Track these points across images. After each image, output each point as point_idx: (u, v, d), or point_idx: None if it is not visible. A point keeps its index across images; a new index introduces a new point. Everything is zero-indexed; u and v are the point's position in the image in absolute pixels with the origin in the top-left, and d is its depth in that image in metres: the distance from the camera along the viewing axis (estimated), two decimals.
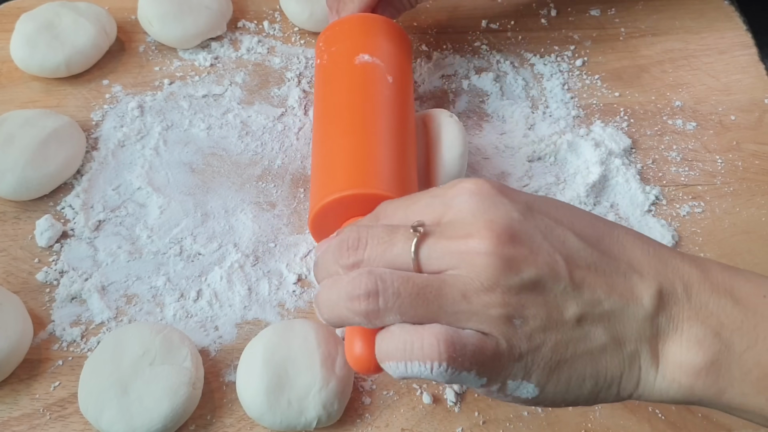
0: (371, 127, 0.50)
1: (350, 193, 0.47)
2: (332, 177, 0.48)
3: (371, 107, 0.51)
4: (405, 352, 0.34)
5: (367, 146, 0.49)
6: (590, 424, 0.47)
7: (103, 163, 0.59)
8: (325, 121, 0.52)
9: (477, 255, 0.33)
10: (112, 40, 0.66)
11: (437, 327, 0.34)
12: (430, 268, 0.35)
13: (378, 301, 0.34)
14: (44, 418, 0.48)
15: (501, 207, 0.35)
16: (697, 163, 0.61)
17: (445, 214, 0.36)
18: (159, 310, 0.52)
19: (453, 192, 0.36)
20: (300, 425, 0.45)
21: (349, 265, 0.36)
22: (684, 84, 0.66)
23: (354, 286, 0.35)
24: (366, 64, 0.53)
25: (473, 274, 0.33)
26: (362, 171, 0.48)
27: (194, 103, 0.63)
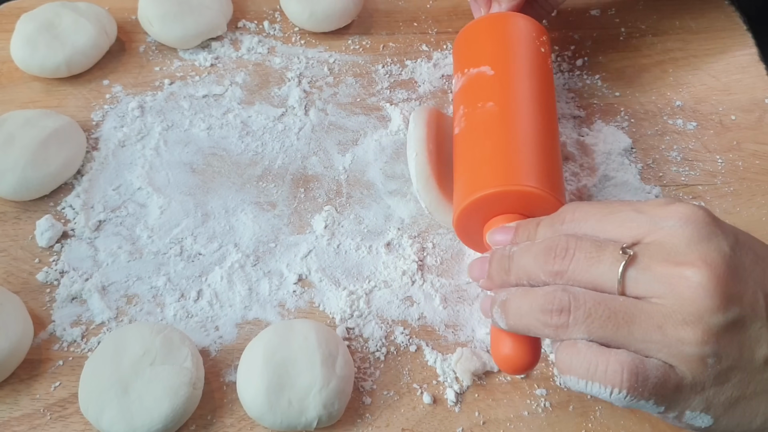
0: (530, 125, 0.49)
1: (501, 189, 0.46)
2: (481, 174, 0.48)
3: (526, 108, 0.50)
4: (588, 372, 0.34)
5: (518, 144, 0.48)
6: (590, 424, 0.47)
7: (103, 163, 0.60)
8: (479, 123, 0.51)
9: (689, 287, 0.33)
10: (112, 40, 0.66)
11: (624, 354, 0.34)
12: (635, 293, 0.34)
13: (569, 318, 0.35)
14: (45, 418, 0.48)
15: (714, 239, 0.34)
16: (698, 162, 0.61)
17: (651, 235, 0.35)
18: (159, 310, 0.52)
19: (664, 213, 0.35)
20: (300, 425, 0.46)
21: (552, 273, 0.36)
22: (684, 84, 0.66)
23: (548, 300, 0.35)
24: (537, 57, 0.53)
25: (678, 306, 0.33)
26: (513, 167, 0.47)
27: (194, 103, 0.63)
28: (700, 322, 0.33)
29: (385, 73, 0.66)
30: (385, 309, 0.52)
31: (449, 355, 0.50)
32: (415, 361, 0.50)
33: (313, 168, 0.60)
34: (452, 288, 0.53)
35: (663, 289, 0.34)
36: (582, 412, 0.48)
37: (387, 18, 0.70)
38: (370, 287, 0.53)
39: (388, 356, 0.50)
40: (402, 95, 0.64)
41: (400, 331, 0.51)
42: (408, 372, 0.50)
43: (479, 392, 0.49)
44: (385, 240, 0.56)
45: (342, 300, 0.52)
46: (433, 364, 0.50)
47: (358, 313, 0.52)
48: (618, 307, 0.34)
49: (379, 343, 0.51)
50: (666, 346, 0.33)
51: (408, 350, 0.51)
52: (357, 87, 0.65)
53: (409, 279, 0.53)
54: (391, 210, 0.57)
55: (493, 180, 0.47)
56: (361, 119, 0.63)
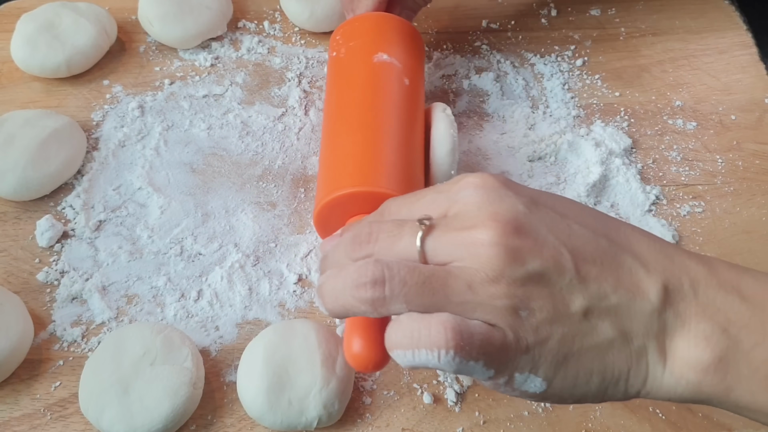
0: (383, 126, 0.50)
1: (357, 190, 0.47)
2: (340, 173, 0.49)
3: (386, 106, 0.51)
4: (412, 339, 0.34)
5: (377, 144, 0.49)
6: (591, 423, 0.47)
7: (103, 163, 0.60)
8: (337, 116, 0.53)
9: (482, 246, 0.33)
10: (112, 40, 0.66)
11: (445, 315, 0.33)
12: (436, 260, 0.35)
13: (384, 289, 0.34)
14: (45, 418, 0.48)
15: (506, 199, 0.35)
16: (698, 162, 0.61)
17: (450, 209, 0.36)
18: (159, 310, 0.52)
19: (458, 186, 0.36)
20: (301, 425, 0.46)
21: (359, 258, 0.36)
22: (684, 84, 0.66)
23: (360, 274, 0.35)
24: (384, 63, 0.53)
25: (478, 265, 0.33)
26: (371, 169, 0.48)
27: (195, 103, 0.63)
28: (502, 276, 0.33)
29: None
30: None
31: None
32: None
33: (314, 168, 0.60)
34: None
35: (461, 252, 0.34)
36: (582, 411, 0.48)
37: None
38: None
39: None
40: None
41: None
42: (408, 372, 0.50)
43: (479, 392, 0.49)
44: None
45: None
46: None
47: None
48: (430, 271, 0.34)
49: None
50: (480, 305, 0.33)
51: None
52: None
53: None
54: None
55: (349, 180, 0.48)
56: None
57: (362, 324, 0.38)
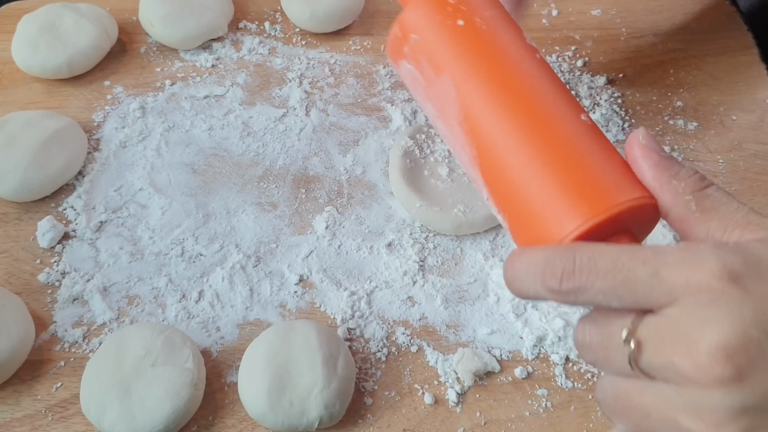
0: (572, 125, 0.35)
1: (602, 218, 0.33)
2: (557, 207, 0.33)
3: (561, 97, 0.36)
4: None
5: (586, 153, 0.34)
6: (592, 424, 0.47)
7: (104, 164, 0.60)
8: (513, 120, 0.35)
9: (690, 384, 0.30)
10: (113, 41, 0.66)
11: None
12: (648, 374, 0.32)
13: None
14: (46, 419, 0.48)
15: (737, 321, 0.29)
16: (699, 163, 0.61)
17: (666, 306, 0.31)
18: (161, 311, 0.52)
19: (679, 282, 0.30)
20: (302, 426, 0.46)
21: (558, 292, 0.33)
22: (685, 84, 0.66)
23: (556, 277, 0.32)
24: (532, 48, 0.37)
25: (687, 394, 0.30)
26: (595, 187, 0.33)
27: (196, 104, 0.63)
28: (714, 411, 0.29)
29: (386, 73, 0.66)
30: (386, 309, 0.52)
31: (450, 355, 0.50)
32: (417, 361, 0.50)
33: (314, 168, 0.60)
34: (453, 288, 0.53)
35: (670, 376, 0.31)
36: (583, 412, 0.48)
37: (388, 18, 0.70)
38: (371, 288, 0.53)
39: (390, 357, 0.51)
40: (403, 96, 0.64)
41: (401, 331, 0.51)
42: (409, 372, 0.50)
43: (480, 392, 0.49)
44: (386, 240, 0.56)
45: (343, 300, 0.53)
46: (435, 364, 0.50)
47: (359, 314, 0.52)
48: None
49: (380, 344, 0.51)
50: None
51: (409, 351, 0.51)
52: (358, 87, 0.65)
53: (410, 279, 0.54)
54: (392, 210, 0.57)
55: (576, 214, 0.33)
56: (362, 120, 0.63)
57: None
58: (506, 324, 0.52)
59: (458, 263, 0.54)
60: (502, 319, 0.52)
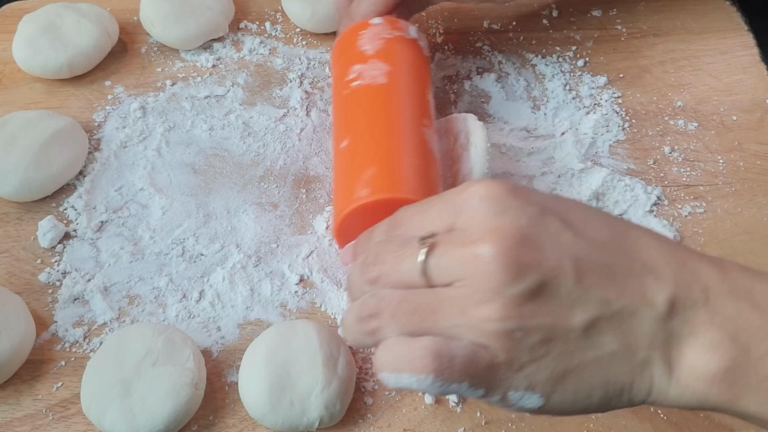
0: (397, 133, 0.49)
1: (376, 198, 0.46)
2: (358, 182, 0.48)
3: (398, 113, 0.51)
4: (396, 363, 0.34)
5: (393, 151, 0.49)
6: (592, 424, 0.47)
7: (105, 164, 0.60)
8: (349, 126, 0.52)
9: (482, 263, 0.32)
10: (114, 41, 0.66)
11: (427, 339, 0.33)
12: (440, 281, 0.34)
13: (379, 321, 0.35)
14: (47, 418, 0.48)
15: (511, 211, 0.34)
16: (699, 163, 0.61)
17: (456, 221, 0.35)
18: (161, 310, 0.52)
19: (463, 196, 0.35)
20: (302, 426, 0.46)
21: (370, 282, 0.37)
22: (686, 84, 0.66)
23: (360, 309, 0.36)
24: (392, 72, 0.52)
25: (476, 284, 0.33)
26: (389, 176, 0.47)
27: (196, 104, 0.63)
28: (498, 296, 0.32)
29: None
30: None
31: None
32: None
33: (315, 169, 0.60)
34: None
35: (462, 271, 0.33)
36: None
37: None
38: None
39: None
40: None
41: None
42: None
43: None
44: None
45: (344, 300, 0.53)
46: None
47: None
48: (421, 299, 0.34)
49: None
50: (471, 328, 0.33)
51: None
52: None
53: None
54: None
55: (369, 188, 0.46)
56: None
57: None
58: None
59: None
60: None
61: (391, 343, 0.35)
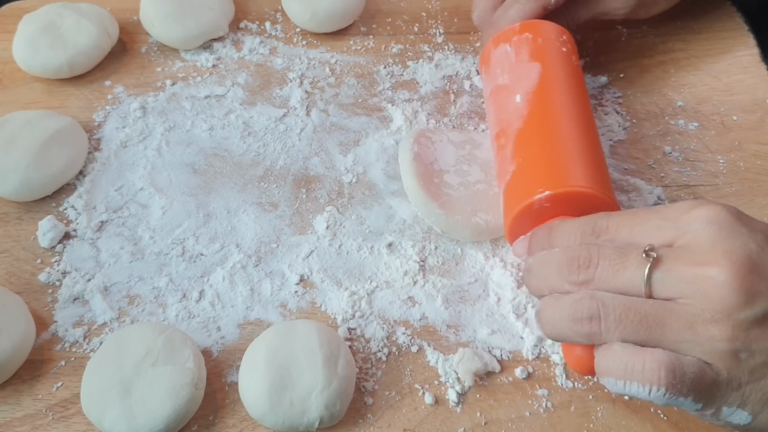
0: (571, 126, 0.50)
1: (559, 191, 0.46)
2: (536, 175, 0.48)
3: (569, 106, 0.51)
4: (626, 372, 0.35)
5: (569, 145, 0.49)
6: (592, 424, 0.47)
7: (105, 164, 0.60)
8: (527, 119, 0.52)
9: (713, 286, 0.33)
10: (114, 41, 0.66)
11: (659, 353, 0.34)
12: (662, 295, 0.35)
13: (600, 325, 0.35)
14: (47, 418, 0.48)
15: (739, 237, 0.35)
16: (699, 163, 0.61)
17: (678, 240, 0.36)
18: (161, 310, 0.52)
19: (688, 218, 0.36)
20: (302, 425, 0.46)
21: (578, 282, 0.37)
22: (686, 84, 0.66)
23: (576, 309, 0.36)
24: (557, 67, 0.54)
25: (705, 305, 0.34)
26: (568, 168, 0.47)
27: (196, 104, 0.63)
28: (728, 318, 0.33)
29: (387, 73, 0.66)
30: (387, 309, 0.52)
31: (451, 355, 0.50)
32: (417, 361, 0.50)
33: (315, 168, 0.60)
34: (454, 288, 0.53)
35: (689, 290, 0.34)
36: (584, 412, 0.48)
37: (389, 19, 0.70)
38: (371, 288, 0.53)
39: (390, 357, 0.51)
40: (404, 96, 0.64)
41: (401, 331, 0.51)
42: (410, 372, 0.50)
43: (481, 393, 0.49)
44: (386, 240, 0.56)
45: (344, 300, 0.53)
46: (435, 364, 0.50)
47: (359, 314, 0.52)
48: (648, 310, 0.35)
49: (380, 344, 0.51)
50: (698, 345, 0.34)
51: (410, 351, 0.51)
52: (359, 88, 0.65)
53: (410, 279, 0.53)
54: (392, 210, 0.57)
55: (545, 182, 0.47)
56: (363, 120, 0.63)
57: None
58: (507, 324, 0.52)
59: (459, 263, 0.54)
60: (503, 319, 0.52)
61: (617, 349, 0.35)
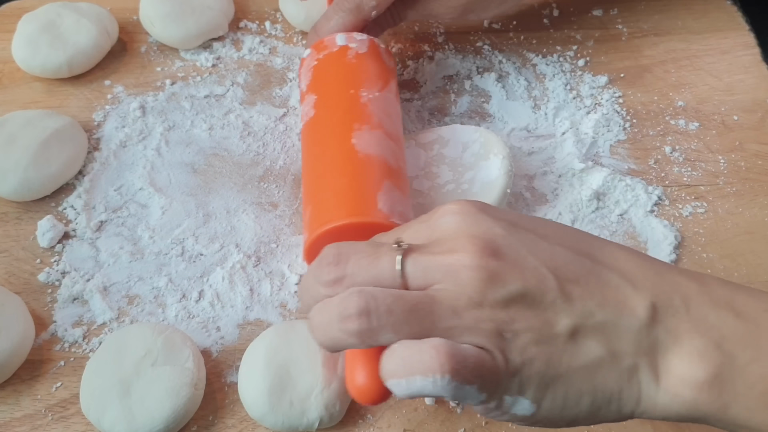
0: (363, 157, 0.49)
1: (349, 221, 0.45)
2: (328, 206, 0.47)
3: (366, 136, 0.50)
4: (406, 367, 0.33)
5: (364, 174, 0.48)
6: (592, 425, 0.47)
7: (104, 163, 0.59)
8: (317, 150, 0.51)
9: (462, 268, 0.33)
10: (113, 40, 0.66)
11: (436, 340, 0.33)
12: (416, 284, 0.34)
13: (371, 320, 0.33)
14: (46, 418, 0.48)
15: (484, 223, 0.35)
16: (700, 163, 0.60)
17: (431, 236, 0.36)
18: (161, 310, 0.52)
19: (437, 215, 0.37)
20: (302, 426, 0.45)
21: (330, 282, 0.35)
22: (687, 84, 0.66)
23: (345, 306, 0.34)
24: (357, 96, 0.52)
25: (459, 288, 0.33)
26: (359, 200, 0.47)
27: (196, 104, 0.63)
28: (484, 299, 0.33)
29: None
30: None
31: None
32: None
33: None
34: None
35: (441, 276, 0.34)
36: None
37: None
38: None
39: None
40: (404, 95, 0.64)
41: None
42: None
43: None
44: None
45: None
46: None
47: None
48: (413, 299, 0.34)
49: None
50: (467, 329, 0.33)
51: None
52: None
53: None
54: None
55: (338, 212, 0.46)
56: None
57: (363, 355, 0.37)
58: None
59: None
60: None
61: (396, 347, 0.34)
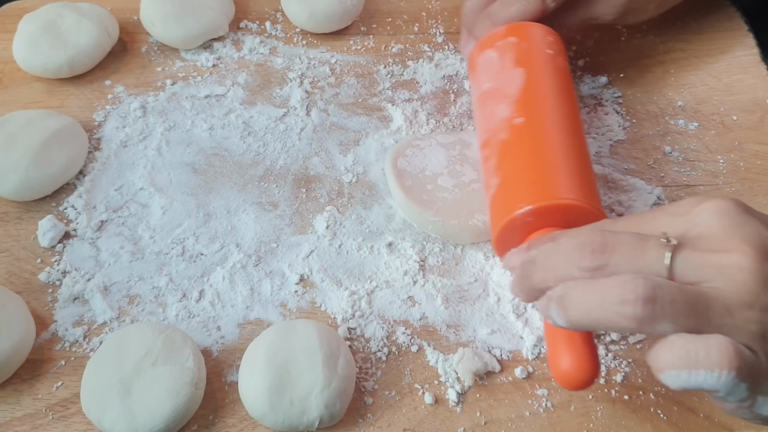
0: (559, 137, 0.50)
1: (576, 203, 0.46)
2: (522, 188, 0.48)
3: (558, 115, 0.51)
4: (690, 360, 0.34)
5: (558, 156, 0.49)
6: (592, 424, 0.47)
7: (105, 163, 0.60)
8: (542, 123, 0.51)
9: (738, 270, 0.34)
10: (114, 40, 0.66)
11: (720, 338, 0.34)
12: (683, 280, 0.35)
13: (655, 308, 0.34)
14: (47, 418, 0.48)
15: (752, 225, 0.35)
16: (699, 163, 0.61)
17: (689, 232, 0.36)
18: (161, 310, 0.52)
19: (697, 211, 0.36)
20: (302, 425, 0.46)
21: (591, 268, 0.36)
22: (686, 84, 0.66)
23: (626, 290, 0.34)
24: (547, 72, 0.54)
25: (733, 288, 0.34)
26: (587, 185, 0.48)
27: (196, 104, 0.63)
28: (756, 302, 0.33)
29: (387, 73, 0.66)
30: (387, 309, 0.52)
31: (451, 355, 0.50)
32: (417, 361, 0.50)
33: (315, 168, 0.60)
34: (454, 288, 0.53)
35: (713, 275, 0.34)
36: (584, 412, 0.48)
37: (389, 18, 0.70)
38: (371, 287, 0.53)
39: (390, 356, 0.51)
40: (404, 96, 0.64)
41: (401, 331, 0.51)
42: (409, 372, 0.50)
43: (481, 392, 0.49)
44: (386, 240, 0.56)
45: (343, 300, 0.53)
46: (435, 364, 0.50)
47: (359, 313, 0.52)
48: (693, 292, 0.34)
49: (380, 344, 0.51)
50: (736, 328, 0.34)
51: (409, 350, 0.51)
52: (359, 87, 0.65)
53: (410, 279, 0.54)
54: (392, 210, 0.57)
55: (528, 196, 0.47)
56: (363, 119, 0.63)
57: (566, 341, 0.37)
58: (506, 324, 0.52)
59: (459, 263, 0.54)
60: (503, 319, 0.52)
61: (676, 339, 0.34)
